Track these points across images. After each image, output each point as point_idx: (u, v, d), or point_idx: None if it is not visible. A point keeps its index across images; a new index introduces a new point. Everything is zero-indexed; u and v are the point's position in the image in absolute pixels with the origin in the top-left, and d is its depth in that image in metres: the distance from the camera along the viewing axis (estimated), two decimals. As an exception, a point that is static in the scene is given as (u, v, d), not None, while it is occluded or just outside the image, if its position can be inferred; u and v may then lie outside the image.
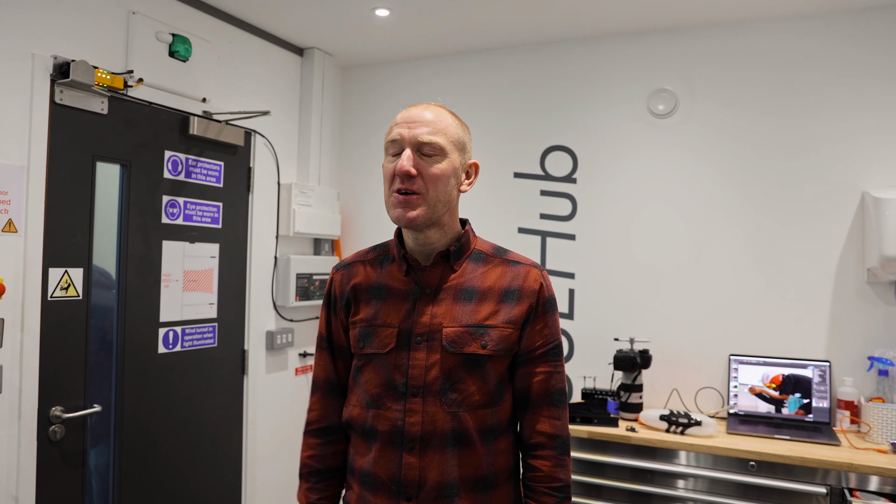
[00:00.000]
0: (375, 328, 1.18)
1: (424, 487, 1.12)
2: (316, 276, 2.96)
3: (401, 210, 1.13)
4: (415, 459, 1.13)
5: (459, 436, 1.14)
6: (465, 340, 1.14)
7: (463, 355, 1.14)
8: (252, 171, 2.73)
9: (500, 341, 1.15)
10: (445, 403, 1.13)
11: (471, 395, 1.14)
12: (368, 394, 1.18)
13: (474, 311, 1.16)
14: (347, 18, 2.64)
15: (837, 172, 2.43)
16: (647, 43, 2.70)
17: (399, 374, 1.15)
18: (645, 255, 2.68)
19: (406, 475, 1.13)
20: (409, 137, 1.14)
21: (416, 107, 1.19)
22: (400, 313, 1.18)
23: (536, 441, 1.18)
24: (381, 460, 1.15)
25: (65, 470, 2.01)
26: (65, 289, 2.01)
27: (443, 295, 1.17)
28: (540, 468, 1.17)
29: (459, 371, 1.14)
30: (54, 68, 1.96)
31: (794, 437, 2.19)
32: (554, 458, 1.17)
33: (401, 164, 1.13)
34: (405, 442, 1.13)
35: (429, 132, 1.14)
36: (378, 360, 1.17)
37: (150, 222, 2.31)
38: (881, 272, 2.26)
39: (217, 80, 2.55)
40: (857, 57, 2.42)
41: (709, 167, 2.61)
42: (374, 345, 1.17)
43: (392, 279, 1.21)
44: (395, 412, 1.14)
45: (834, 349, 2.41)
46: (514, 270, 1.20)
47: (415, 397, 1.14)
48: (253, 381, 2.72)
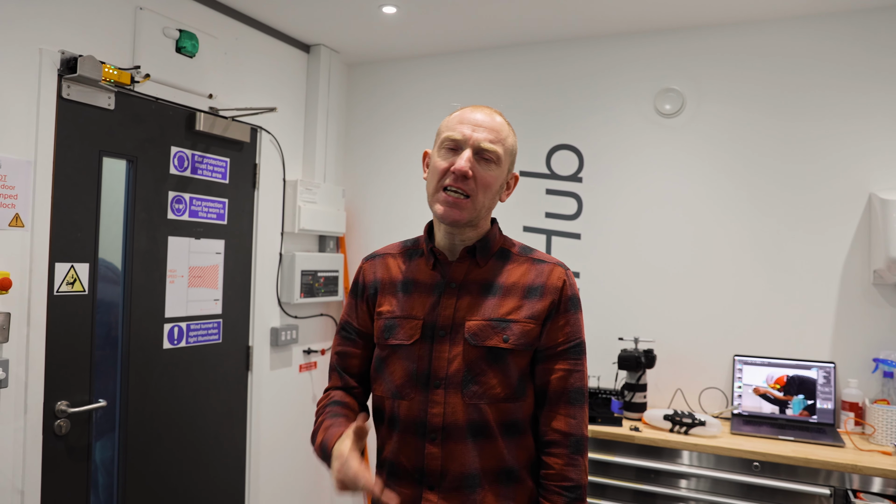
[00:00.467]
0: (401, 320, 1.19)
1: (446, 477, 1.14)
2: (321, 273, 2.93)
3: (448, 209, 1.15)
4: (437, 449, 1.14)
5: (480, 428, 1.14)
6: (487, 334, 1.15)
7: (484, 348, 1.15)
8: (258, 168, 2.70)
9: (522, 336, 1.16)
10: (466, 395, 1.14)
11: (492, 388, 1.15)
12: (394, 384, 1.19)
13: (497, 306, 1.17)
14: (354, 15, 2.61)
15: (844, 174, 2.40)
16: (655, 42, 2.67)
17: (422, 365, 1.16)
18: (650, 254, 2.66)
19: (429, 465, 1.14)
20: (473, 140, 1.15)
21: (481, 109, 1.20)
22: (425, 306, 1.19)
23: (551, 438, 1.18)
24: (404, 449, 1.17)
25: (70, 464, 1.99)
26: (71, 283, 2.00)
27: (467, 289, 1.19)
28: (552, 465, 1.16)
29: (481, 364, 1.15)
30: (62, 63, 1.94)
31: (797, 438, 2.18)
32: (566, 456, 1.16)
33: (460, 163, 1.14)
34: (427, 432, 1.15)
35: (491, 140, 1.16)
36: (402, 351, 1.18)
37: (156, 218, 2.29)
38: (887, 274, 2.23)
39: (224, 77, 2.53)
40: (866, 59, 2.38)
41: (715, 167, 2.58)
42: (399, 336, 1.18)
43: (419, 272, 1.23)
44: (418, 402, 1.16)
45: (839, 351, 2.39)
46: (539, 268, 1.21)
47: (437, 388, 1.15)
48: (257, 378, 2.70)
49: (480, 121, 1.17)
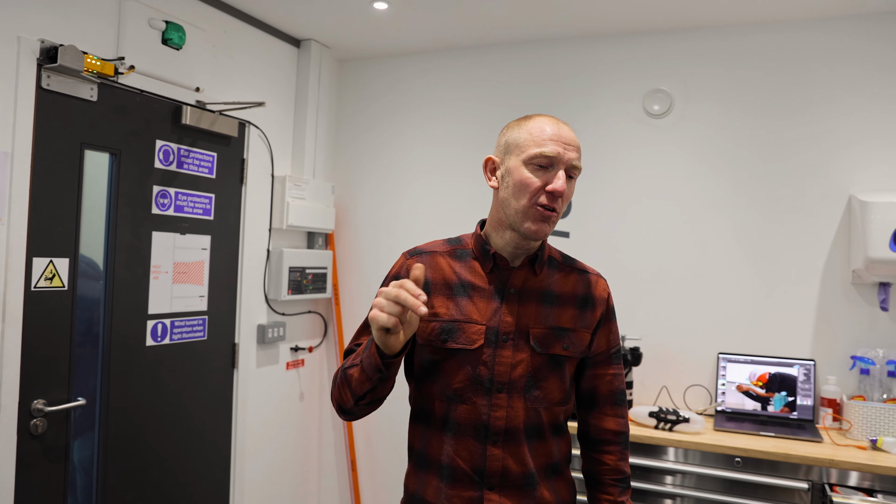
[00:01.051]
0: (461, 324, 1.18)
1: (508, 477, 1.16)
2: (309, 269, 2.85)
3: (541, 225, 1.14)
4: (499, 451, 1.16)
5: (536, 429, 1.19)
6: (551, 341, 1.19)
7: (548, 355, 1.18)
8: (246, 163, 2.62)
9: (579, 344, 1.21)
10: (529, 400, 1.17)
11: (551, 393, 1.19)
12: (451, 388, 1.18)
13: (557, 315, 1.21)
14: (345, 11, 2.55)
15: (826, 175, 2.42)
16: (644, 43, 2.66)
17: (486, 369, 1.16)
18: (637, 254, 2.64)
19: (490, 466, 1.16)
20: (566, 159, 1.15)
21: (563, 125, 1.18)
22: (487, 311, 1.18)
23: (604, 438, 1.26)
24: (462, 452, 1.17)
25: (46, 464, 1.90)
26: (49, 279, 1.91)
27: (526, 297, 1.20)
28: (607, 462, 1.25)
29: (544, 370, 1.18)
30: (41, 52, 1.85)
31: (778, 434, 2.18)
32: (619, 452, 1.25)
33: (558, 184, 1.13)
34: (489, 435, 1.16)
35: (578, 158, 1.17)
36: (463, 355, 1.17)
37: (140, 212, 2.20)
38: (865, 274, 2.25)
39: (211, 70, 2.44)
40: (849, 63, 2.40)
41: (702, 167, 2.58)
42: (460, 340, 1.17)
43: (475, 276, 1.21)
44: (480, 406, 1.16)
45: (819, 348, 2.40)
46: (586, 279, 1.26)
47: (500, 393, 1.16)
48: (243, 375, 2.62)
49: (568, 138, 1.16)
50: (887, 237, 2.14)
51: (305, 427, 3.03)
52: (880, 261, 2.14)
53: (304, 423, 3.01)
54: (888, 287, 2.29)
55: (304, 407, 3.01)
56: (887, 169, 2.34)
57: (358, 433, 3.08)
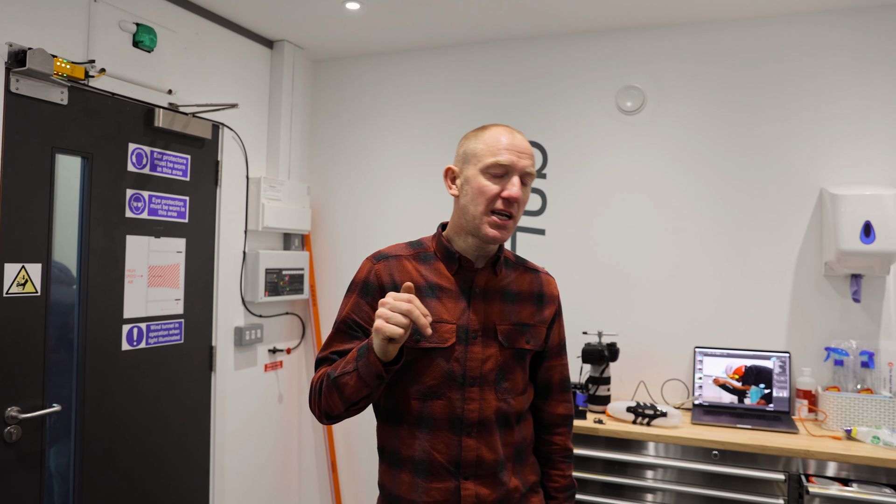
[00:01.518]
0: (433, 324, 1.23)
1: (482, 466, 1.25)
2: (286, 271, 2.89)
3: (498, 231, 1.23)
4: (473, 442, 1.25)
5: (505, 419, 1.29)
6: (515, 337, 1.30)
7: (514, 350, 1.30)
8: (220, 165, 2.64)
9: (538, 338, 1.34)
10: (499, 391, 1.28)
11: (516, 384, 1.31)
12: (425, 385, 1.25)
13: (518, 312, 1.32)
14: (318, 11, 2.58)
15: (797, 169, 2.48)
16: (616, 40, 2.71)
17: (458, 365, 1.25)
18: (613, 249, 2.69)
19: (466, 456, 1.24)
20: (520, 167, 1.24)
21: (515, 133, 1.27)
22: (455, 311, 1.27)
23: (555, 421, 1.40)
24: (438, 445, 1.25)
25: (21, 472, 1.91)
26: (22, 285, 1.92)
27: (491, 296, 1.31)
28: (557, 442, 1.40)
29: (510, 363, 1.29)
30: (9, 56, 1.87)
31: (755, 426, 2.23)
32: (567, 433, 1.42)
33: (513, 191, 1.22)
34: (464, 427, 1.25)
35: (531, 165, 1.26)
36: (437, 353, 1.25)
37: (114, 216, 2.22)
38: (837, 266, 2.31)
39: (183, 72, 2.46)
40: (818, 58, 2.46)
41: (676, 163, 2.63)
42: (433, 339, 1.24)
43: (441, 278, 1.29)
44: (455, 400, 1.25)
45: (793, 340, 2.46)
46: (539, 278, 1.39)
47: (472, 386, 1.26)
48: (221, 378, 2.65)
49: (522, 147, 1.25)
50: (858, 229, 2.20)
51: (285, 429, 3.06)
52: (851, 253, 2.20)
53: (283, 424, 3.04)
54: (860, 279, 2.35)
55: (283, 409, 3.04)
56: (857, 162, 2.40)
57: (338, 434, 3.12)
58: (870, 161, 2.39)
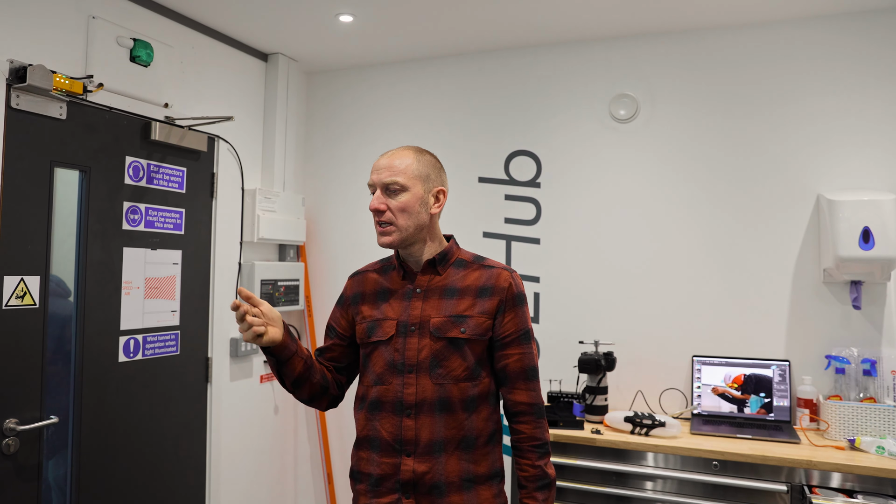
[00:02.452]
0: (379, 322, 1.51)
1: (419, 444, 1.43)
2: (281, 282, 2.97)
3: (379, 237, 1.50)
4: (411, 422, 1.44)
5: (445, 403, 1.44)
6: (448, 327, 1.47)
7: (446, 339, 1.46)
8: (215, 177, 2.74)
9: (476, 327, 1.47)
10: (434, 377, 1.45)
11: (454, 371, 1.46)
12: (375, 373, 1.50)
13: (456, 305, 1.49)
14: (311, 24, 2.67)
15: (793, 176, 2.52)
16: (609, 49, 2.78)
17: (398, 355, 1.47)
18: (609, 258, 2.74)
19: (405, 435, 1.44)
20: (378, 182, 1.49)
21: (384, 155, 1.52)
22: (398, 309, 1.51)
23: (518, 409, 1.49)
24: (385, 425, 1.46)
25: (19, 484, 1.98)
26: (20, 297, 2.00)
27: (431, 293, 1.51)
28: (523, 430, 1.49)
29: (444, 351, 1.46)
30: (10, 72, 1.95)
31: (755, 436, 2.24)
32: (533, 421, 1.49)
33: (372, 203, 1.49)
34: (404, 408, 1.45)
35: (388, 175, 1.47)
36: (381, 346, 1.49)
37: (111, 229, 2.30)
38: (836, 272, 2.33)
39: (180, 86, 2.57)
40: (813, 63, 2.52)
41: (670, 171, 2.69)
42: (377, 334, 1.50)
43: (392, 283, 1.56)
44: (396, 385, 1.46)
45: (793, 349, 2.49)
46: (489, 273, 1.53)
47: (410, 373, 1.46)
48: (217, 390, 2.72)
49: (382, 163, 1.50)
50: (856, 235, 2.23)
51: (281, 440, 3.12)
52: (851, 259, 2.23)
53: (279, 435, 3.11)
54: (860, 285, 2.37)
55: (278, 420, 3.10)
56: (854, 167, 2.44)
57: (333, 445, 3.18)
58: (867, 166, 2.43)
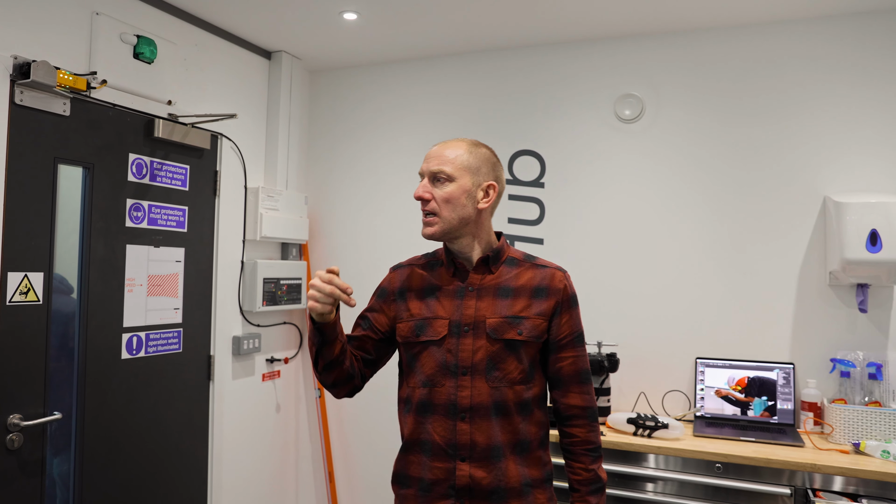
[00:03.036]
0: (429, 320, 1.47)
1: (476, 449, 1.40)
2: (283, 280, 2.98)
3: (423, 229, 1.46)
4: (466, 426, 1.41)
5: (500, 407, 1.42)
6: (505, 328, 1.43)
7: (503, 341, 1.43)
8: (218, 175, 2.76)
9: (533, 329, 1.44)
10: (490, 380, 1.42)
11: (510, 373, 1.43)
12: (425, 374, 1.46)
13: (511, 305, 1.45)
14: (315, 22, 2.68)
15: (800, 177, 2.52)
16: (615, 49, 2.78)
17: (451, 356, 1.43)
18: (611, 259, 2.75)
19: (460, 439, 1.41)
20: (427, 171, 1.46)
21: (437, 145, 1.49)
22: (450, 307, 1.47)
23: (572, 413, 1.48)
24: (437, 429, 1.43)
25: (23, 480, 2.00)
26: (24, 293, 2.02)
27: (484, 292, 1.47)
28: (576, 434, 1.48)
29: (501, 353, 1.43)
30: (14, 68, 1.97)
31: (759, 438, 2.26)
32: (587, 425, 1.48)
33: (416, 191, 1.46)
34: (458, 412, 1.42)
35: (436, 164, 1.45)
36: (432, 346, 1.45)
37: (114, 226, 2.32)
38: (842, 275, 2.33)
39: (183, 83, 2.58)
40: (820, 65, 2.51)
41: (675, 172, 2.69)
42: (428, 333, 1.46)
43: (442, 280, 1.51)
44: (448, 388, 1.43)
45: (798, 351, 2.50)
46: (542, 272, 1.50)
47: (465, 375, 1.42)
48: (219, 387, 2.74)
49: (432, 153, 1.47)
50: (864, 238, 2.23)
51: (282, 439, 3.14)
52: (857, 262, 2.23)
53: (280, 434, 3.13)
54: (866, 288, 2.38)
55: (280, 418, 3.12)
56: (861, 169, 2.44)
57: (335, 444, 3.20)
58: (874, 168, 2.43)
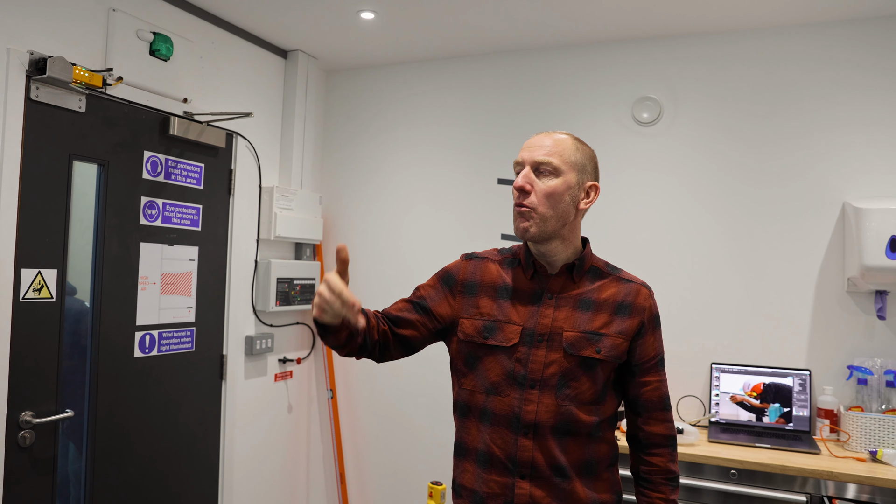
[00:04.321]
0: (501, 324, 1.35)
1: (538, 468, 1.30)
2: (297, 280, 2.95)
3: (519, 222, 1.31)
4: (529, 443, 1.30)
5: (567, 426, 1.31)
6: (583, 344, 1.32)
7: (579, 357, 1.31)
8: (233, 174, 2.73)
9: (612, 349, 1.32)
10: (560, 397, 1.31)
11: (582, 393, 1.32)
12: (489, 380, 1.35)
13: (591, 320, 1.33)
14: (332, 21, 2.66)
15: (819, 182, 2.49)
16: (633, 51, 2.75)
17: (520, 366, 1.32)
18: (628, 262, 2.71)
19: (521, 456, 1.30)
20: (529, 159, 1.32)
21: (539, 134, 1.36)
22: (524, 313, 1.35)
23: (653, 441, 1.39)
24: (497, 440, 1.32)
25: (34, 477, 1.99)
26: (38, 290, 2.00)
27: (563, 302, 1.35)
28: (657, 464, 1.38)
29: (575, 370, 1.31)
30: (30, 64, 1.95)
31: (774, 445, 2.23)
32: (668, 454, 1.39)
33: (517, 180, 1.31)
34: (521, 427, 1.31)
35: (543, 154, 1.31)
36: (500, 352, 1.34)
37: (128, 224, 2.30)
38: (861, 282, 2.30)
39: (199, 81, 2.55)
40: (841, 70, 2.48)
41: (692, 175, 2.66)
42: (498, 338, 1.34)
43: (518, 281, 1.38)
44: (513, 399, 1.32)
45: (814, 358, 2.46)
46: (627, 287, 1.38)
47: (532, 388, 1.31)
48: (231, 387, 2.71)
49: (536, 141, 1.34)
50: (883, 244, 2.19)
51: (294, 439, 3.11)
52: (877, 269, 2.19)
53: (292, 435, 3.10)
54: (885, 295, 2.34)
55: (292, 419, 3.10)
56: (881, 175, 2.41)
57: (347, 446, 3.17)
58: (894, 174, 2.39)
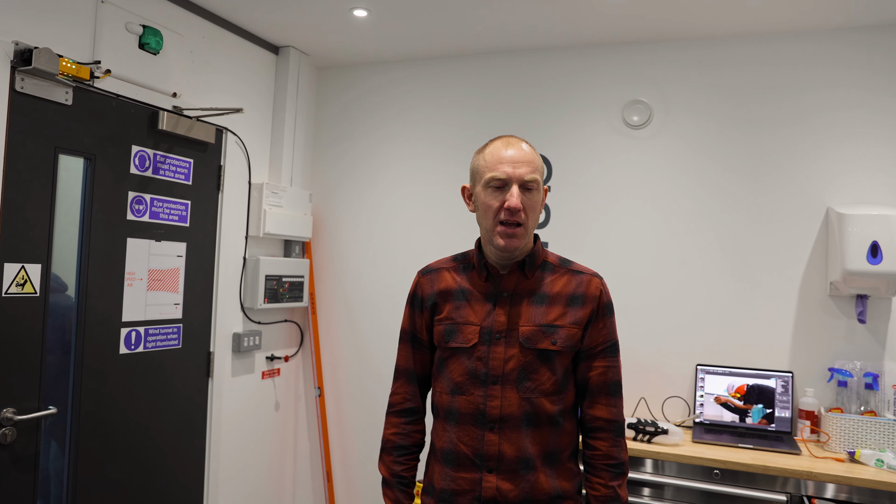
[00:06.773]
0: (460, 326, 1.38)
1: (504, 461, 1.33)
2: (286, 278, 2.90)
3: (508, 240, 1.33)
4: (495, 437, 1.33)
5: (531, 417, 1.34)
6: (538, 338, 1.35)
7: (536, 350, 1.34)
8: (222, 170, 2.67)
9: (568, 339, 1.36)
10: (521, 390, 1.34)
11: (542, 384, 1.34)
12: (453, 381, 1.38)
13: (546, 313, 1.36)
14: (324, 18, 2.61)
15: (804, 188, 2.50)
16: (624, 54, 2.74)
17: (481, 364, 1.35)
18: (616, 264, 2.71)
19: (487, 450, 1.33)
20: (516, 176, 1.32)
21: (515, 144, 1.36)
22: (481, 313, 1.38)
23: (596, 425, 1.39)
24: (464, 438, 1.36)
25: (15, 474, 1.93)
26: (21, 285, 1.94)
27: (518, 298, 1.38)
28: (598, 448, 1.38)
29: (534, 363, 1.34)
30: (15, 55, 1.89)
31: (756, 446, 2.24)
32: (610, 439, 1.38)
33: (512, 201, 1.31)
34: (486, 422, 1.34)
35: (530, 172, 1.33)
36: (462, 352, 1.37)
37: (115, 219, 2.24)
38: (843, 286, 2.32)
39: (189, 75, 2.49)
40: (828, 76, 2.49)
41: (681, 179, 2.65)
42: (458, 340, 1.38)
43: (473, 284, 1.42)
44: (477, 397, 1.35)
45: (797, 360, 2.47)
46: (578, 279, 1.40)
47: (494, 385, 1.34)
48: (218, 384, 2.66)
49: (517, 156, 1.34)
50: (865, 249, 2.21)
51: (280, 437, 3.07)
52: (858, 273, 2.21)
53: (279, 433, 3.05)
54: (866, 299, 2.37)
55: (279, 417, 3.05)
56: (865, 181, 2.42)
57: (333, 443, 3.13)
58: (877, 180, 2.41)
